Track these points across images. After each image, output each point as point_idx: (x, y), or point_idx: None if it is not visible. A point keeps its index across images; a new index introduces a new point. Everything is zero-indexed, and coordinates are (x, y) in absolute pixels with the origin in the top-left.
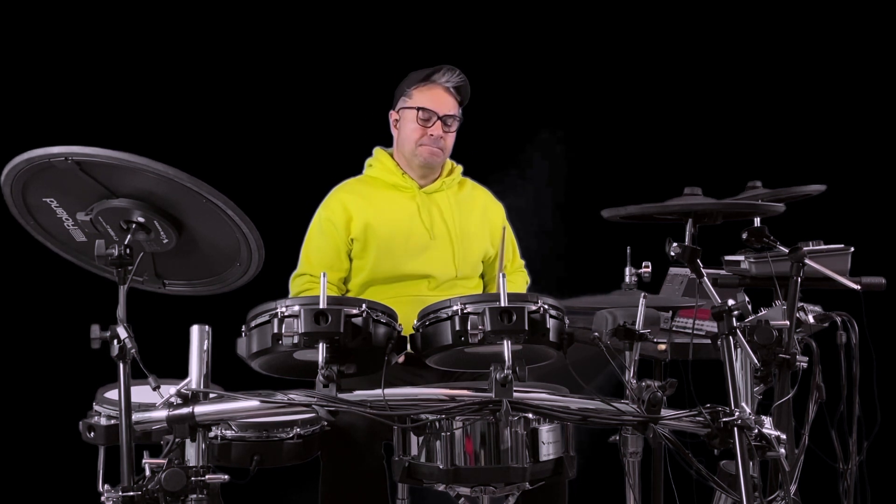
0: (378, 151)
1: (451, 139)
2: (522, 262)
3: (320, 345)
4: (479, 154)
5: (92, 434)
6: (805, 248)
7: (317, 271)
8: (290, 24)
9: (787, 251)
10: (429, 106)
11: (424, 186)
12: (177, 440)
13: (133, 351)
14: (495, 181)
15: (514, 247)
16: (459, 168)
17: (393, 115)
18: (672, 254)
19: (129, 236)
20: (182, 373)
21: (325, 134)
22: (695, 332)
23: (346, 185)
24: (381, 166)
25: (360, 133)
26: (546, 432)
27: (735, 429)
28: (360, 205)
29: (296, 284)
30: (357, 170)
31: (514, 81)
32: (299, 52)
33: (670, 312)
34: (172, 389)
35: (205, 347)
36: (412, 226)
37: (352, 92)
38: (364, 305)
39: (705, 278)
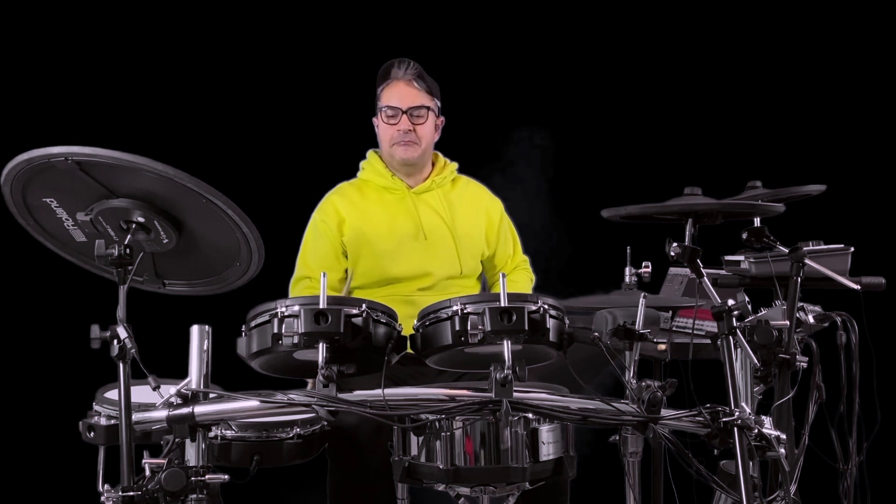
0: (370, 154)
1: (424, 130)
2: (526, 259)
3: (320, 345)
4: (479, 154)
5: (92, 434)
6: (805, 248)
7: (315, 273)
8: (289, 27)
9: (787, 251)
10: (392, 103)
11: (414, 187)
12: (177, 440)
13: (133, 351)
14: (495, 181)
15: (515, 241)
16: (453, 165)
17: (375, 122)
18: (672, 254)
19: (129, 236)
20: (182, 373)
21: (324, 134)
22: (695, 332)
23: (339, 190)
24: (372, 169)
25: (359, 133)
26: (546, 432)
27: (735, 429)
28: (351, 210)
29: (296, 289)
30: (354, 171)
31: (514, 81)
32: (297, 55)
33: (670, 312)
34: (172, 389)
35: (205, 347)
36: (404, 227)
37: (349, 93)
38: (364, 305)
39: (705, 278)
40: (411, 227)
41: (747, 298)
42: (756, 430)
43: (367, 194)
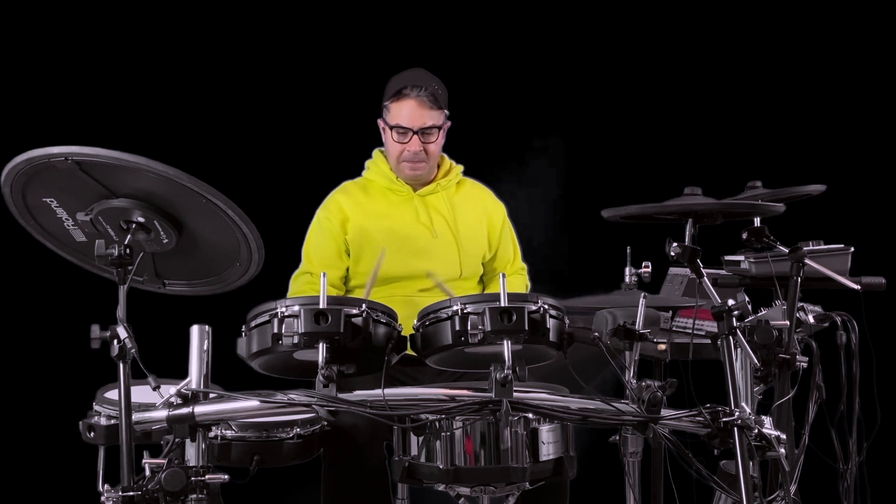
0: (376, 154)
1: (433, 147)
2: (524, 267)
3: (320, 345)
4: (480, 154)
5: (92, 434)
6: (805, 248)
7: (317, 269)
8: (290, 25)
9: (787, 251)
10: (403, 123)
11: (419, 190)
12: (177, 440)
13: (133, 351)
14: (496, 181)
15: (515, 247)
16: (459, 168)
17: (380, 124)
18: (672, 254)
19: (129, 236)
20: (182, 373)
21: (325, 134)
22: (695, 332)
23: (344, 188)
24: (377, 169)
25: (360, 133)
26: (546, 432)
27: (735, 429)
28: (356, 209)
29: (297, 284)
30: (357, 170)
31: (514, 82)
32: (299, 53)
33: (670, 312)
34: (172, 389)
35: (205, 347)
36: (410, 226)
37: (353, 92)
38: (364, 305)
39: (705, 278)
40: (420, 226)
41: (747, 298)
42: (756, 430)
43: (371, 193)
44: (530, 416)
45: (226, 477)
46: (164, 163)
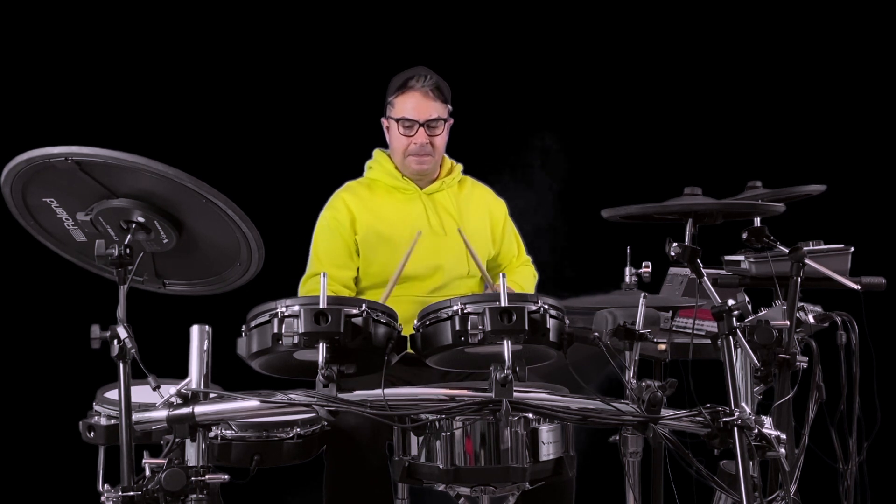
0: (377, 153)
1: (440, 140)
2: (529, 258)
3: (320, 345)
4: (480, 154)
5: (92, 434)
6: (805, 248)
7: (329, 270)
8: (291, 25)
9: (787, 251)
10: (409, 115)
11: (424, 188)
12: (177, 440)
13: (133, 351)
14: (495, 181)
15: (518, 241)
16: (459, 167)
17: (384, 122)
18: (672, 254)
19: (129, 236)
20: (182, 373)
21: (325, 133)
22: (695, 332)
23: (348, 188)
24: (381, 168)
25: (361, 133)
26: (546, 432)
27: (735, 429)
28: (362, 208)
29: (308, 286)
30: (358, 171)
31: (514, 82)
32: (300, 53)
33: (670, 312)
34: (172, 389)
35: (205, 347)
36: (418, 225)
37: (353, 92)
38: (364, 305)
39: (705, 278)
40: (428, 224)
41: (747, 298)
42: (756, 430)
43: (377, 193)
44: (530, 416)
45: (226, 477)
46: (164, 163)
